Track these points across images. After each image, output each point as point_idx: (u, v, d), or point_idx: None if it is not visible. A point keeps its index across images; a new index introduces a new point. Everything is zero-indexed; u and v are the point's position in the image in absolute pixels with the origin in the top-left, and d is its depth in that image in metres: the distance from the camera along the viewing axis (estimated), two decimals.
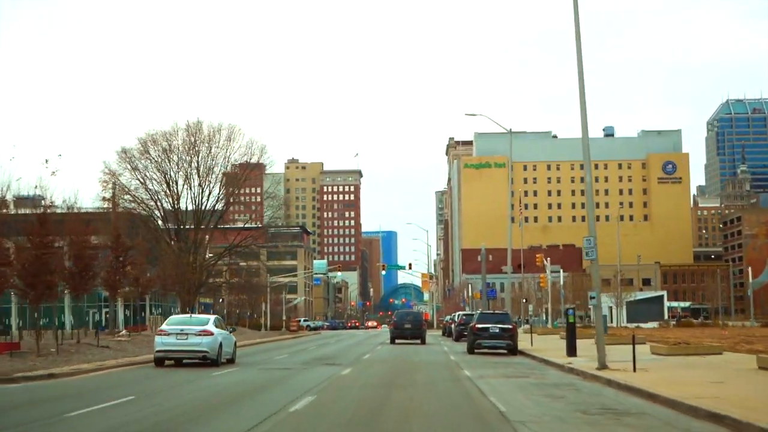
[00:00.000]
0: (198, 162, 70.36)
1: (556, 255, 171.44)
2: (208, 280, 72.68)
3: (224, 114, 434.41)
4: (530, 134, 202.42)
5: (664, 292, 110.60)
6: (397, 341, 53.38)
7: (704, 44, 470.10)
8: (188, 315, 37.30)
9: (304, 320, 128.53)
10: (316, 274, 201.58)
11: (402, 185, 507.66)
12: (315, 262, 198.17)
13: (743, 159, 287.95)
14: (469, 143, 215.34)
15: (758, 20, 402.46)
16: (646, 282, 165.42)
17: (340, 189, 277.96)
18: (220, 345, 29.94)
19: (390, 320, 73.81)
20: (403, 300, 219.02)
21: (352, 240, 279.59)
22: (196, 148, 70.36)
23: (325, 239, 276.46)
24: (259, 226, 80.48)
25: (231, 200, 79.15)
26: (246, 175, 71.57)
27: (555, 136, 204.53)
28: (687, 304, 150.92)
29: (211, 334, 29.57)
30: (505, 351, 39.13)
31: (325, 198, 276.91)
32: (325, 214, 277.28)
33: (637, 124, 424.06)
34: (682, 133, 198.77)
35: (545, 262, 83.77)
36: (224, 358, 30.41)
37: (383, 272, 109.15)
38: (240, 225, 79.05)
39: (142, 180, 69.71)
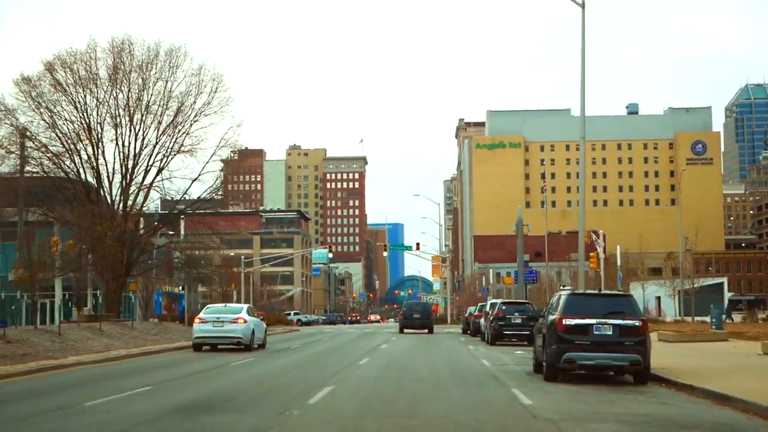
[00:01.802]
0: (127, 95, 49.24)
1: (576, 242, 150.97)
2: (139, 258, 51.23)
3: None
4: (546, 112, 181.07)
5: (725, 279, 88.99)
6: (405, 330, 52.42)
7: (720, 29, 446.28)
8: (223, 304, 36.69)
9: (295, 313, 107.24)
10: (315, 264, 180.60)
11: (409, 176, 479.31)
12: (314, 251, 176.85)
13: (765, 144, 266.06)
14: (481, 124, 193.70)
15: None
16: (676, 272, 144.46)
17: (344, 176, 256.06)
18: (253, 332, 30.59)
19: (398, 312, 70.37)
20: (410, 291, 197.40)
21: (357, 230, 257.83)
22: (126, 77, 49.26)
23: (329, 229, 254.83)
24: (255, 209, 59.77)
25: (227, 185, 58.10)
26: (199, 110, 49.85)
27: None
28: (728, 294, 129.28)
29: (245, 321, 30.26)
30: (616, 372, 18.15)
31: (328, 186, 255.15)
32: (329, 202, 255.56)
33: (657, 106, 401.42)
34: (712, 110, 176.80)
35: (594, 236, 61.80)
36: (256, 344, 31.07)
37: (385, 253, 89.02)
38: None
39: (50, 121, 48.55)
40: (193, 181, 50.45)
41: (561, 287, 72.53)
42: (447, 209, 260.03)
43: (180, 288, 71.23)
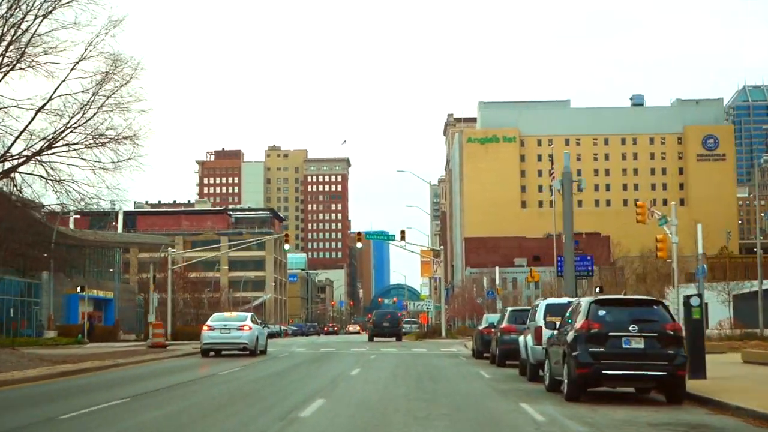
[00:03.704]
0: None
1: (580, 243, 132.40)
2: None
3: (194, 98, 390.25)
4: (543, 103, 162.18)
5: None
6: (376, 339, 53.21)
7: (717, 30, 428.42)
8: (230, 313, 37.22)
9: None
10: (291, 269, 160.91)
11: (394, 181, 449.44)
12: (290, 255, 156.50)
13: (766, 147, 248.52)
14: (472, 120, 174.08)
15: None
16: (689, 276, 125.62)
17: (326, 179, 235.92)
18: (257, 338, 31.67)
19: (369, 320, 68.67)
20: (395, 300, 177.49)
21: (339, 235, 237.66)
22: None
23: (309, 234, 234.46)
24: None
25: None
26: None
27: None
28: None
29: (250, 329, 31.20)
30: None
31: (309, 189, 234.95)
32: (310, 206, 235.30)
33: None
34: (723, 101, 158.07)
35: (656, 215, 41.79)
36: (259, 350, 31.95)
37: (359, 244, 70.64)
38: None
39: None
40: (39, 110, 30.35)
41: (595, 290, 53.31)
42: (434, 215, 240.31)
43: (78, 289, 50.97)
